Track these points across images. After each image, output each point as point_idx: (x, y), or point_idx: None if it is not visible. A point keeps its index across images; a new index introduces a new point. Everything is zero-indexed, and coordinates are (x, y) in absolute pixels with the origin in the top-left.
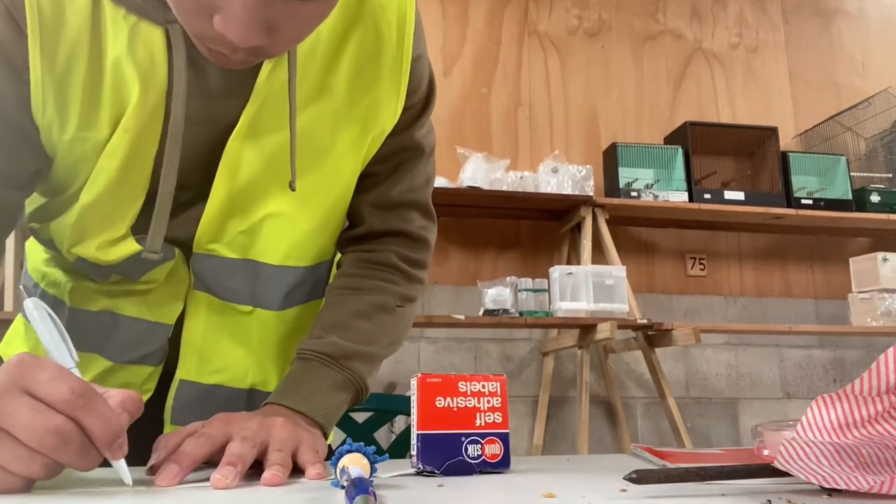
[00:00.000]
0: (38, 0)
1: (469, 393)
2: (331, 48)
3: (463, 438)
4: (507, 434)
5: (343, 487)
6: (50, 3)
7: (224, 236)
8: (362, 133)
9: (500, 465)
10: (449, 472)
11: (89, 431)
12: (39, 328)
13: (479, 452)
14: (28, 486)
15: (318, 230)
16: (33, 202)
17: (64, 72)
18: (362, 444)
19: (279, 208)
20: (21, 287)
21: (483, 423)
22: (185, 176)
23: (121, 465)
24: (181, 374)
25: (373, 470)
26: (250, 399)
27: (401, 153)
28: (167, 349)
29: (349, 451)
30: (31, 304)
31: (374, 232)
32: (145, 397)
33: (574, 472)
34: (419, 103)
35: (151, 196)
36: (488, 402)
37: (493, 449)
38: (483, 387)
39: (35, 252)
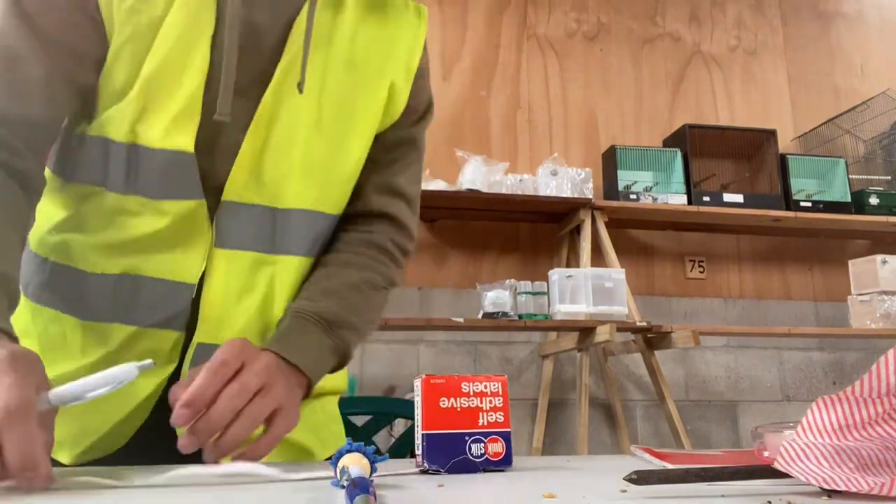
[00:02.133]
0: None
1: (472, 393)
2: (354, 23)
3: (466, 437)
4: (509, 433)
5: (343, 487)
6: None
7: (261, 176)
8: (379, 105)
9: (503, 463)
10: (453, 471)
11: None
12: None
13: (483, 451)
14: None
15: (347, 180)
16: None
17: None
18: (362, 443)
19: (314, 150)
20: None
21: (486, 423)
22: (234, 104)
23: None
24: (199, 337)
25: (373, 470)
26: None
27: (402, 146)
28: (189, 313)
29: (349, 451)
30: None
31: (370, 212)
32: (170, 369)
33: (574, 473)
34: (422, 107)
35: (209, 79)
36: (490, 401)
37: (496, 447)
38: (485, 387)
39: (50, 214)
